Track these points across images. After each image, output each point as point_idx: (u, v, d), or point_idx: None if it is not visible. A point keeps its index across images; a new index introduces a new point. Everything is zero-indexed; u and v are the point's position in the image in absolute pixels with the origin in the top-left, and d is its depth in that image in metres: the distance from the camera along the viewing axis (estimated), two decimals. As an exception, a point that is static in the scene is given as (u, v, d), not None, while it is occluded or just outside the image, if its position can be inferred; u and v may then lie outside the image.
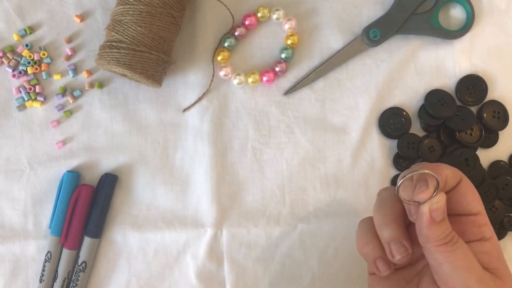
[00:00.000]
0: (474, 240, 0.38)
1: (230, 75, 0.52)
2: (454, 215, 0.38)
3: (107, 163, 0.52)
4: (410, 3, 0.52)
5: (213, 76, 0.52)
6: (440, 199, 0.36)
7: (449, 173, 0.37)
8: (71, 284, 0.50)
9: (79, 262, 0.50)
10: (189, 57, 0.52)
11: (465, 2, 0.52)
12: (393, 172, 0.53)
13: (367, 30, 0.51)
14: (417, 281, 0.40)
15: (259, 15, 0.52)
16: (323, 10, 0.53)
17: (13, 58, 0.51)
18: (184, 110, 0.52)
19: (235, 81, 0.52)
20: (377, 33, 0.51)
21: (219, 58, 0.52)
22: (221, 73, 0.51)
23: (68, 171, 0.51)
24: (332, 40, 0.53)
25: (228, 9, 0.51)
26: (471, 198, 0.38)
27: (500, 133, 0.53)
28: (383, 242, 0.38)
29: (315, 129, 0.53)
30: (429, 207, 0.35)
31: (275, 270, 0.52)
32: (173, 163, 0.52)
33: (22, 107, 0.52)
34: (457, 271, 0.35)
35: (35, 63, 0.51)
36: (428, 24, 0.52)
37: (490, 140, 0.53)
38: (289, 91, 0.52)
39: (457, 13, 0.54)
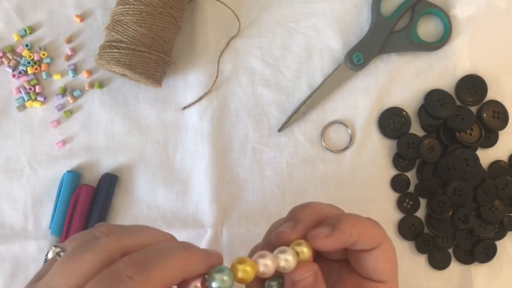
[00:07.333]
0: None
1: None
2: (359, 276, 0.35)
3: (107, 163, 0.52)
4: (387, 22, 0.52)
5: (216, 77, 0.52)
6: None
7: (362, 238, 0.32)
8: (71, 284, 0.50)
9: (79, 262, 0.50)
10: (189, 57, 0.52)
11: (439, 12, 0.52)
12: (393, 172, 0.53)
13: (350, 55, 0.51)
14: None
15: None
16: (323, 10, 0.53)
17: (13, 58, 0.51)
18: (184, 107, 0.52)
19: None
20: (360, 57, 0.51)
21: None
22: None
23: (68, 171, 0.51)
24: (332, 40, 0.53)
25: (231, 9, 0.51)
26: (381, 268, 0.34)
27: (500, 133, 0.53)
28: None
29: (315, 129, 0.53)
30: None
31: (275, 270, 0.52)
32: (173, 163, 0.52)
33: (22, 107, 0.52)
34: None
35: (35, 63, 0.51)
36: (408, 40, 0.52)
37: (490, 140, 0.53)
38: (282, 128, 0.52)
39: (435, 24, 0.54)
